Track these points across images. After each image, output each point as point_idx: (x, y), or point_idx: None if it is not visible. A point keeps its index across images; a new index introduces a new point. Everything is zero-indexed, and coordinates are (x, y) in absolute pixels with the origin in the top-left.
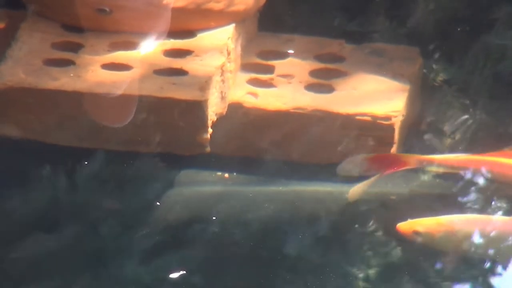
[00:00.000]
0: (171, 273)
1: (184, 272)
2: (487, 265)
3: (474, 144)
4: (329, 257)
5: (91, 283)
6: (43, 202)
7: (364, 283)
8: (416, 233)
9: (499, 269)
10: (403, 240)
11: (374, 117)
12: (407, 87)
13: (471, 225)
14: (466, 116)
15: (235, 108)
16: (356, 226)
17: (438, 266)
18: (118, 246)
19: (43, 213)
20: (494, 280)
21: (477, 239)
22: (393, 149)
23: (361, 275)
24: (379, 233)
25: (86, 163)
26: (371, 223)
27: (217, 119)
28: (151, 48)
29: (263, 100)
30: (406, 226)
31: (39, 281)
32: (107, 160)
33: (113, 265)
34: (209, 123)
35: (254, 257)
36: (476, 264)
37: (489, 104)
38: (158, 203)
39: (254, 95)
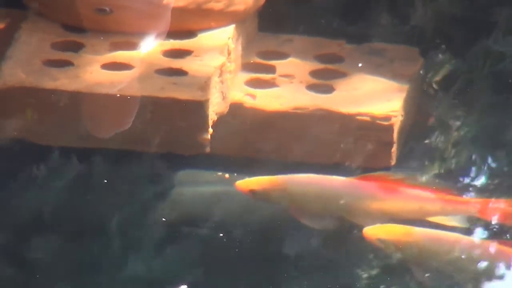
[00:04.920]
0: (171, 273)
1: (184, 272)
2: (487, 264)
3: (474, 144)
4: (331, 258)
5: (91, 283)
6: (43, 202)
7: (365, 284)
8: (253, 191)
9: (498, 270)
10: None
11: (374, 117)
12: (406, 87)
13: (307, 185)
14: (466, 117)
15: (236, 108)
16: (357, 226)
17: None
18: (117, 246)
19: (42, 213)
20: (493, 279)
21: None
22: (393, 149)
23: (362, 276)
24: None
25: (85, 163)
26: None
27: (217, 118)
28: (151, 48)
29: (263, 100)
30: (243, 184)
31: (36, 281)
32: (107, 160)
33: (112, 266)
34: (210, 123)
35: (255, 257)
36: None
37: (489, 105)
38: (164, 219)
39: (254, 95)
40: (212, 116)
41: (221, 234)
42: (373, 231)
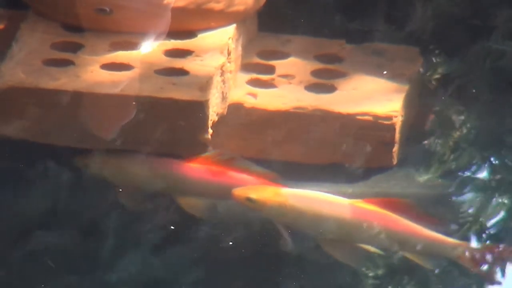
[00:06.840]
0: (171, 273)
1: (184, 272)
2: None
3: (474, 144)
4: (332, 257)
5: (92, 283)
6: (43, 202)
7: (367, 284)
8: (86, 165)
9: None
10: None
11: (375, 117)
12: (406, 87)
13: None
14: (465, 116)
15: (235, 108)
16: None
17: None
18: (117, 246)
19: (42, 213)
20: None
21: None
22: (394, 149)
23: (363, 275)
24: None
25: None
26: None
27: (218, 118)
28: (151, 48)
29: (263, 100)
30: (80, 158)
31: (36, 280)
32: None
33: (111, 266)
34: (210, 123)
35: (255, 257)
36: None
37: (488, 104)
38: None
39: (254, 95)
40: (212, 117)
41: (221, 234)
42: (243, 191)
